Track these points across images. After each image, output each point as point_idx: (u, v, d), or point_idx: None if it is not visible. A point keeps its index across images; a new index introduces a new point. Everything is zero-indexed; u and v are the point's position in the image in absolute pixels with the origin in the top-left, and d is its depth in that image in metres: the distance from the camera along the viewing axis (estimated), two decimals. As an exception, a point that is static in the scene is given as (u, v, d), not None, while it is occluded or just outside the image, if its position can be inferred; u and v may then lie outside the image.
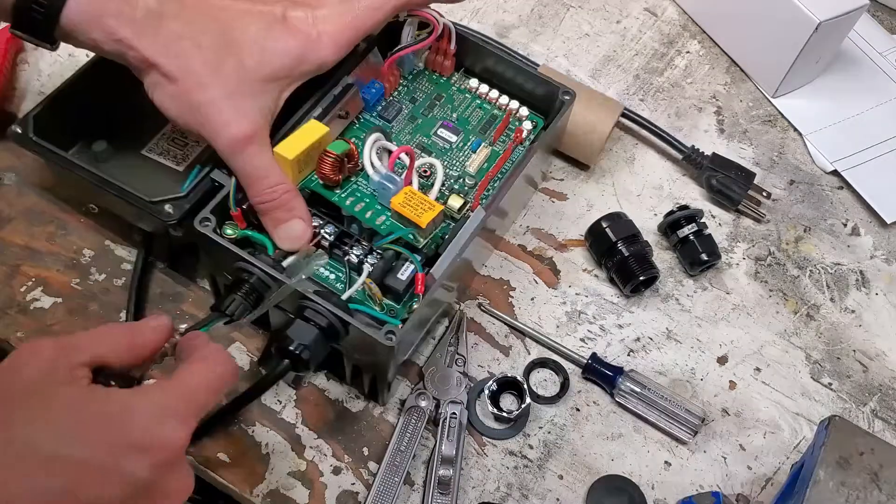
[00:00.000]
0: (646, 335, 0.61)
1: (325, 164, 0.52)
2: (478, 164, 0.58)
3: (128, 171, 0.56)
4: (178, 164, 0.58)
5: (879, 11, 0.81)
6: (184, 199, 0.52)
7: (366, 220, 0.53)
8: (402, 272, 0.51)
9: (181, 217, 0.52)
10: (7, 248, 0.60)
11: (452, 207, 0.54)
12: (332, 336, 0.48)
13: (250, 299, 0.48)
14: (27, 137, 0.54)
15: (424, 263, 0.52)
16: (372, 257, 0.52)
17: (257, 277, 0.48)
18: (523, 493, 0.54)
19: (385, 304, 0.51)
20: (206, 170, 0.53)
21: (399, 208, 0.51)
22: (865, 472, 0.47)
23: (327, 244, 0.52)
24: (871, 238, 0.67)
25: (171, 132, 0.60)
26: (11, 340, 0.56)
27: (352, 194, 0.54)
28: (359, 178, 0.55)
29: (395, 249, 0.51)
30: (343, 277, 0.52)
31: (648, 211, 0.66)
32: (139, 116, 0.59)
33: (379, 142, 0.55)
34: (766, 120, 0.73)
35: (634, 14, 0.78)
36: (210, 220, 0.50)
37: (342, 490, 0.53)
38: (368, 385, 0.54)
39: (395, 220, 0.53)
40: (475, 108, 0.61)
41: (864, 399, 0.60)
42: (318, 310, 0.47)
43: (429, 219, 0.51)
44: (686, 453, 0.56)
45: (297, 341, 0.47)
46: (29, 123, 0.55)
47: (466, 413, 0.55)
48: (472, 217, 0.53)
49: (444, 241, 0.52)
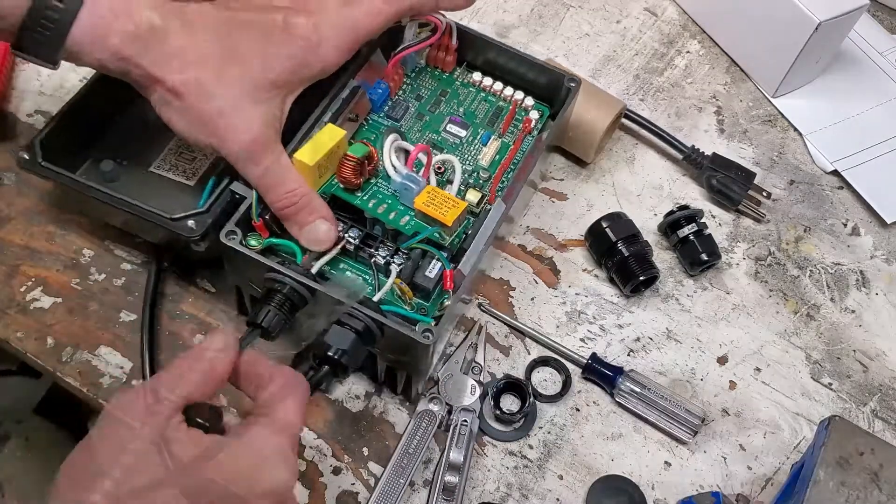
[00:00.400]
0: (646, 335, 0.61)
1: (347, 168, 0.52)
2: (490, 157, 0.58)
3: (139, 189, 0.56)
4: (189, 179, 0.58)
5: (879, 11, 0.81)
6: (205, 213, 0.52)
7: (390, 221, 0.53)
8: (429, 270, 0.51)
9: (204, 232, 0.51)
10: (7, 247, 0.59)
11: (471, 202, 0.54)
12: (369, 339, 0.48)
13: (284, 310, 0.48)
14: (36, 163, 0.53)
15: (450, 260, 0.52)
16: (398, 258, 0.52)
17: (289, 287, 0.48)
18: (523, 493, 0.54)
19: (415, 302, 0.52)
20: (222, 183, 0.53)
21: (423, 208, 0.52)
22: (865, 472, 0.47)
23: (352, 248, 0.52)
24: (871, 238, 0.67)
25: (178, 147, 0.60)
26: (11, 340, 0.56)
27: (373, 196, 0.54)
28: (378, 180, 0.55)
29: (421, 248, 0.52)
30: (371, 280, 0.53)
31: (648, 211, 0.66)
32: (143, 133, 0.59)
33: (396, 142, 0.55)
34: (766, 120, 0.73)
35: (634, 14, 0.78)
36: (236, 232, 0.50)
37: (342, 490, 0.53)
38: (402, 384, 0.55)
39: (419, 219, 0.53)
40: (481, 101, 0.62)
41: (865, 399, 0.60)
42: (354, 314, 0.48)
43: (454, 216, 0.51)
44: (686, 453, 0.56)
45: (336, 346, 0.47)
46: (36, 149, 0.54)
47: (478, 422, 0.55)
48: (493, 209, 0.53)
49: (468, 236, 0.53)
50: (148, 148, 0.59)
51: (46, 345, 0.56)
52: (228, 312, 0.58)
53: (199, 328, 0.58)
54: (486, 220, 0.53)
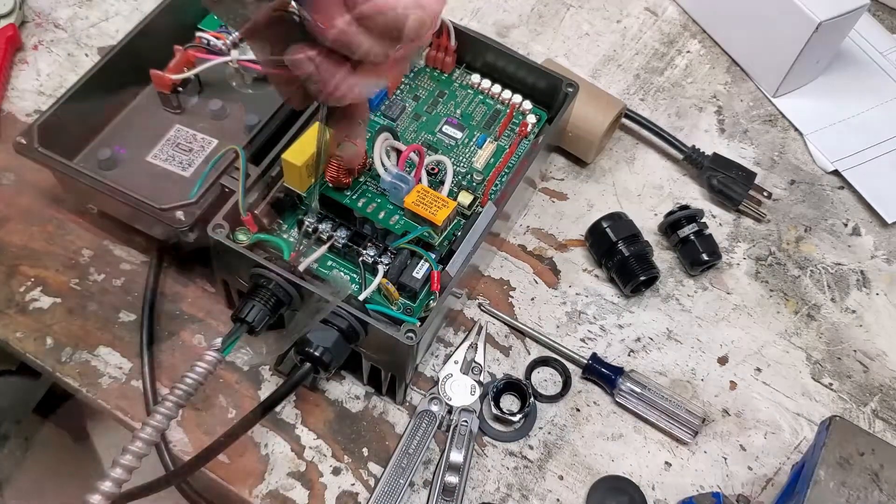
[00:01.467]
0: (646, 335, 0.61)
1: (334, 167, 0.52)
2: (484, 160, 0.58)
3: (134, 178, 0.56)
4: (185, 170, 0.58)
5: (879, 11, 0.81)
6: (194, 205, 0.52)
7: (379, 220, 0.53)
8: (417, 270, 0.51)
9: (193, 223, 0.51)
10: (6, 248, 0.59)
11: (462, 204, 0.54)
12: (352, 337, 0.48)
13: (269, 305, 0.48)
14: (32, 148, 0.54)
15: (439, 261, 0.52)
16: (385, 257, 0.52)
17: (275, 283, 0.48)
18: (523, 493, 0.54)
19: (401, 302, 0.51)
20: (215, 175, 0.53)
21: (413, 207, 0.52)
22: (866, 472, 0.47)
23: (340, 246, 0.52)
24: (871, 238, 0.67)
25: (175, 137, 0.60)
26: (11, 340, 0.56)
27: (363, 195, 0.54)
28: (367, 179, 0.55)
29: (409, 248, 0.52)
30: (357, 278, 0.52)
31: (649, 211, 0.66)
32: (142, 123, 0.60)
33: (387, 141, 0.55)
34: (766, 120, 0.73)
35: (635, 14, 0.78)
36: (223, 226, 0.50)
37: (342, 490, 0.53)
38: (387, 384, 0.54)
39: (409, 218, 0.53)
40: (478, 104, 0.62)
41: (865, 399, 0.59)
42: (338, 312, 0.48)
43: (444, 216, 0.51)
44: (686, 454, 0.56)
45: (319, 344, 0.47)
46: (33, 134, 0.54)
47: (478, 422, 0.55)
48: (484, 212, 0.53)
49: (457, 238, 0.53)
50: (146, 137, 0.60)
51: (46, 345, 0.56)
52: (228, 312, 0.58)
53: (198, 328, 0.58)
54: (477, 223, 0.53)
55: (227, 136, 0.60)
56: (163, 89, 0.59)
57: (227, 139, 0.60)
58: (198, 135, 0.60)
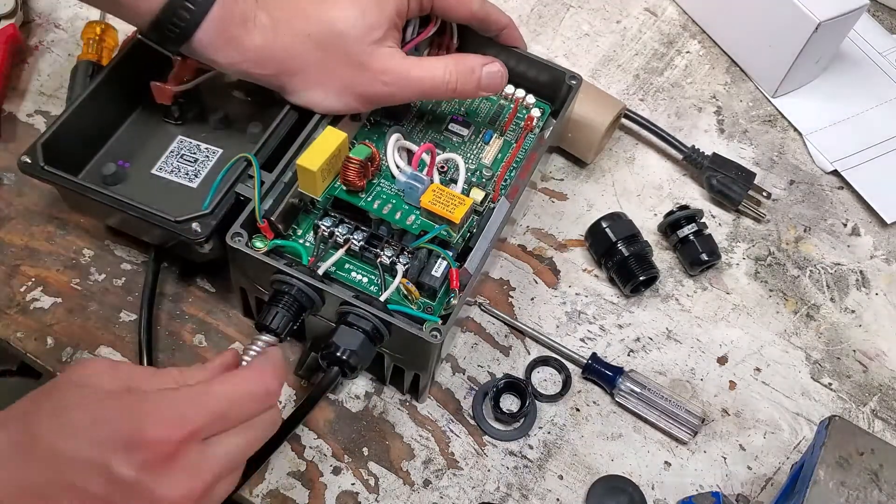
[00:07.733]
0: (646, 335, 0.61)
1: (350, 171, 0.52)
2: (493, 155, 0.59)
3: (142, 192, 0.56)
4: (191, 181, 0.58)
5: (879, 11, 0.81)
6: (209, 215, 0.51)
7: (396, 221, 0.53)
8: (435, 269, 0.51)
9: (209, 234, 0.51)
10: (6, 247, 0.59)
11: (476, 200, 0.54)
12: (377, 338, 0.49)
13: (292, 311, 0.48)
14: (37, 166, 0.53)
15: (455, 259, 0.52)
16: (403, 257, 0.52)
17: (297, 288, 0.48)
18: (523, 493, 0.54)
19: (421, 302, 0.52)
20: (227, 184, 0.52)
21: (430, 206, 0.52)
22: (865, 472, 0.47)
23: (357, 249, 0.52)
24: (871, 238, 0.67)
25: (180, 149, 0.59)
26: (11, 340, 0.56)
27: (377, 197, 0.54)
28: (381, 180, 0.55)
29: (427, 248, 0.52)
30: (377, 280, 0.53)
31: (648, 211, 0.66)
32: (143, 136, 0.59)
33: (399, 142, 0.55)
34: (766, 120, 0.73)
35: (634, 14, 0.78)
36: (242, 234, 0.50)
37: (342, 490, 0.53)
38: (409, 383, 0.55)
39: (425, 217, 0.53)
40: (482, 100, 0.62)
41: (864, 399, 0.60)
42: (361, 314, 0.48)
43: (461, 213, 0.51)
44: (686, 453, 0.56)
45: (346, 347, 0.47)
46: (38, 152, 0.53)
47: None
48: (498, 207, 0.54)
49: (473, 234, 0.53)
50: (148, 150, 0.59)
51: (46, 345, 0.56)
52: (228, 312, 0.58)
53: (198, 328, 0.58)
54: (492, 218, 0.53)
55: (230, 146, 0.60)
56: (164, 101, 0.58)
57: (230, 148, 0.59)
58: (202, 145, 0.60)
